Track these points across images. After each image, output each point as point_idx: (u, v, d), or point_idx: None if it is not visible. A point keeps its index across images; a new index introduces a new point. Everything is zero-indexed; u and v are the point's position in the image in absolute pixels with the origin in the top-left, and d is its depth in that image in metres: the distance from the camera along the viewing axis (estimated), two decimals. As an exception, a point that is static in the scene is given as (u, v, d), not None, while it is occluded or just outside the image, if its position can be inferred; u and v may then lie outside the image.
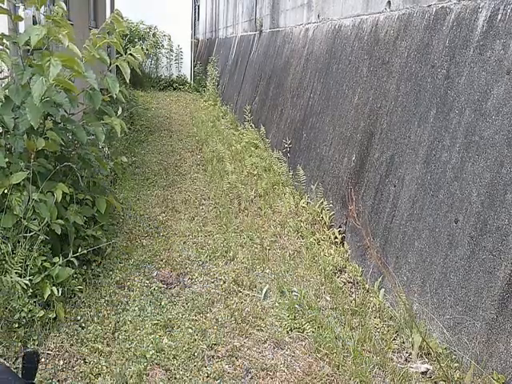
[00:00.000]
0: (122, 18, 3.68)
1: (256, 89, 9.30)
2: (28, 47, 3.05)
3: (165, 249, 4.14)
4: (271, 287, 3.64)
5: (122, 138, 6.98)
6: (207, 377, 2.63)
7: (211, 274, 3.78)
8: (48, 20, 3.12)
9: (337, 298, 3.49)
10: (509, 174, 2.61)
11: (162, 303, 3.28)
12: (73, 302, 3.15)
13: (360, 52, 4.84)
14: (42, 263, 2.95)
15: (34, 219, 3.00)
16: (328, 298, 3.53)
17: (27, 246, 2.89)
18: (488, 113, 2.85)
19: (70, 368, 2.59)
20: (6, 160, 3.01)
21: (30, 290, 2.78)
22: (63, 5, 3.20)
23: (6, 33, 3.63)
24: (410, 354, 2.89)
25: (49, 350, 2.72)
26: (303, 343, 2.99)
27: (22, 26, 4.30)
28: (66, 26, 3.14)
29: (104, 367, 2.61)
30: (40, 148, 3.05)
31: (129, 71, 3.58)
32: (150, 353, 2.72)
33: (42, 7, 3.28)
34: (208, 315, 3.19)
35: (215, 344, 2.90)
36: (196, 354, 2.78)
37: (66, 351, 2.70)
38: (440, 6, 3.57)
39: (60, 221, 3.11)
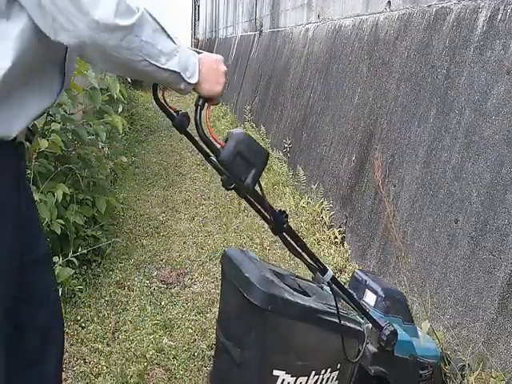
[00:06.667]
0: None
1: (256, 89, 9.31)
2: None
3: (165, 249, 4.14)
4: (271, 287, 3.63)
5: (122, 138, 6.98)
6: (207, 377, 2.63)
7: (211, 273, 3.78)
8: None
9: (337, 297, 3.49)
10: (509, 173, 2.61)
11: (162, 303, 3.28)
12: (73, 302, 3.15)
13: (360, 52, 4.84)
14: (41, 263, 2.94)
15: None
16: (328, 298, 3.53)
17: (27, 246, 2.88)
18: (488, 113, 2.85)
19: (70, 368, 2.59)
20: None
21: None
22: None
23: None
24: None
25: (49, 349, 2.71)
26: (303, 343, 2.99)
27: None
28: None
29: (104, 367, 2.60)
30: (42, 149, 3.05)
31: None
32: (150, 353, 2.72)
33: None
34: (208, 315, 3.19)
35: (215, 344, 2.90)
36: (196, 354, 2.78)
37: (66, 351, 2.70)
38: (440, 5, 3.58)
39: (60, 221, 3.11)
